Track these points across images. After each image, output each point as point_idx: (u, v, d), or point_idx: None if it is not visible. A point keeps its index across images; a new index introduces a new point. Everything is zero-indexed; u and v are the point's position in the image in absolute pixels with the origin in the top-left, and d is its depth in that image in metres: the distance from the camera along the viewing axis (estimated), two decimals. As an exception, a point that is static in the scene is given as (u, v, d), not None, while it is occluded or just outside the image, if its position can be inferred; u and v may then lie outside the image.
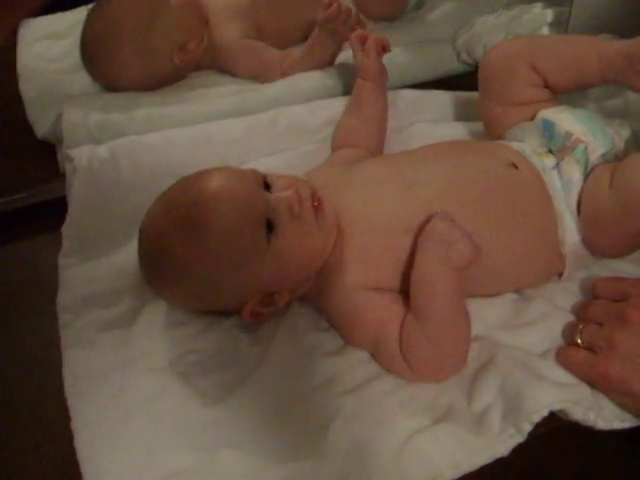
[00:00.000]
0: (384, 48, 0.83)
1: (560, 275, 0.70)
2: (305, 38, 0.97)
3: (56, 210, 0.80)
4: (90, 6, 1.23)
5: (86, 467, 0.57)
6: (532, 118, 0.74)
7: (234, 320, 0.68)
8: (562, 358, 0.62)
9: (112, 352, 0.67)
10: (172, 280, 0.65)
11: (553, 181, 0.69)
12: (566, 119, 0.71)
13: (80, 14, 1.20)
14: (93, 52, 0.96)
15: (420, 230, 0.62)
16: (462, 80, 0.91)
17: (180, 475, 0.56)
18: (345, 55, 0.96)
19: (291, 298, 0.67)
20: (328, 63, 0.96)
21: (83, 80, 1.00)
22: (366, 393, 0.61)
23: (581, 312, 0.66)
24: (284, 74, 0.96)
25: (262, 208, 0.63)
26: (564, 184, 0.69)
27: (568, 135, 0.69)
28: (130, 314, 0.70)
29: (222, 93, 0.93)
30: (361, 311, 0.63)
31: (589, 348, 0.61)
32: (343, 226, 0.66)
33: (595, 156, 0.68)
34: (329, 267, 0.66)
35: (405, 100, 0.90)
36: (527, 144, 0.73)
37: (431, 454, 0.56)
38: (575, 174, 0.68)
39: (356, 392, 0.61)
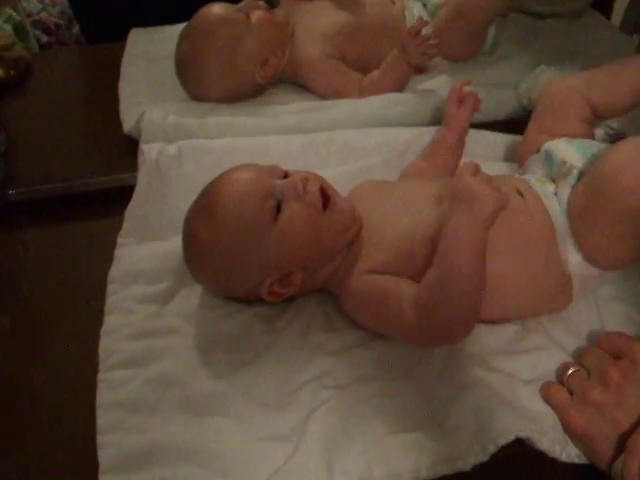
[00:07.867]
0: (476, 108, 0.87)
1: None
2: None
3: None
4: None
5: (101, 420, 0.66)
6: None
7: (257, 310, 0.75)
8: (545, 393, 0.65)
9: (144, 322, 0.75)
10: (199, 262, 0.74)
11: (553, 206, 0.73)
12: (562, 148, 0.76)
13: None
14: (183, 70, 1.06)
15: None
16: (518, 125, 0.94)
17: (175, 436, 0.64)
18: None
19: (307, 280, 0.72)
20: (401, 85, 1.04)
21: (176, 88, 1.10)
22: (351, 392, 0.67)
23: (578, 356, 0.68)
24: (362, 91, 1.04)
25: (267, 190, 0.70)
26: (562, 208, 0.72)
27: (563, 163, 0.74)
28: (168, 293, 0.79)
29: (288, 110, 1.02)
30: (372, 288, 0.69)
31: (571, 393, 0.64)
32: (365, 229, 0.73)
33: None
34: (347, 258, 0.72)
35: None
36: (534, 175, 0.78)
37: (395, 456, 0.61)
38: (566, 196, 0.72)
39: (343, 389, 0.67)
